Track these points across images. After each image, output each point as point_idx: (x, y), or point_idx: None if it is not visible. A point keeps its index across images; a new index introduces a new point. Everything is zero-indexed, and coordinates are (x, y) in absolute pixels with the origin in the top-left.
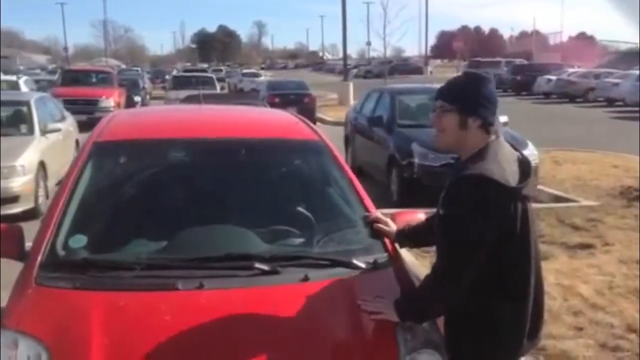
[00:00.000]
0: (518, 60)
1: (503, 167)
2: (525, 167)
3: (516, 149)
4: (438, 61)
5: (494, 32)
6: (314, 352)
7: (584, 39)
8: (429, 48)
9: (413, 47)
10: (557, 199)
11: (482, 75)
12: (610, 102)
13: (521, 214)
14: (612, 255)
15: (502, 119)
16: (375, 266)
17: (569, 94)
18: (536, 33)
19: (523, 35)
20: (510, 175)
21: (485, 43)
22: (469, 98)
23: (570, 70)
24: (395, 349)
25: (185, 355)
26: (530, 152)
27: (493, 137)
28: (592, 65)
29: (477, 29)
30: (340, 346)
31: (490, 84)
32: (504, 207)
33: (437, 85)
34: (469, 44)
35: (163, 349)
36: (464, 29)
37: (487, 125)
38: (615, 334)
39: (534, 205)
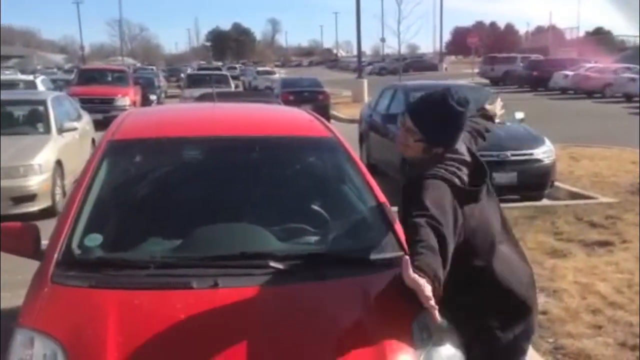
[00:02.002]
0: (534, 56)
1: (453, 170)
2: (478, 169)
3: (472, 153)
4: (453, 57)
5: (509, 28)
6: (330, 351)
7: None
8: (443, 44)
9: (428, 44)
10: (575, 195)
11: (452, 97)
12: (628, 97)
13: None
14: (631, 253)
15: (518, 115)
16: (391, 264)
17: (586, 90)
18: (552, 28)
19: (539, 30)
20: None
21: (500, 39)
22: (437, 131)
23: (587, 65)
24: (412, 346)
25: (200, 354)
26: (548, 148)
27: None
28: (609, 60)
29: (493, 25)
30: (357, 344)
31: (463, 112)
32: (453, 203)
33: (452, 82)
34: (484, 40)
35: (178, 347)
36: (479, 24)
37: (450, 151)
38: (635, 332)
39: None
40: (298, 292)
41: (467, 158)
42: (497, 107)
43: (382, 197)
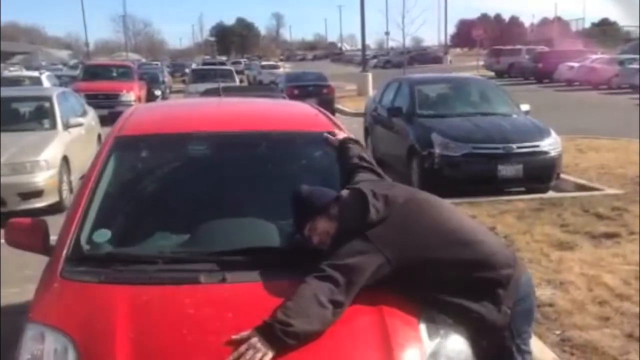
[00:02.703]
0: (539, 48)
1: None
2: None
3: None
4: (458, 50)
5: (514, 20)
6: (338, 344)
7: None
8: (448, 37)
9: (432, 37)
10: (581, 187)
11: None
12: (634, 88)
13: None
14: (638, 244)
15: (524, 107)
16: None
17: (592, 81)
18: (558, 20)
19: (544, 22)
20: None
21: (505, 31)
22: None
23: (593, 56)
24: (419, 340)
25: (209, 348)
26: (554, 140)
27: None
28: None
29: (497, 17)
30: (363, 338)
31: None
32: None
33: (457, 75)
34: (489, 32)
35: (187, 342)
36: (484, 16)
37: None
38: None
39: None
40: None
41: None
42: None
43: None
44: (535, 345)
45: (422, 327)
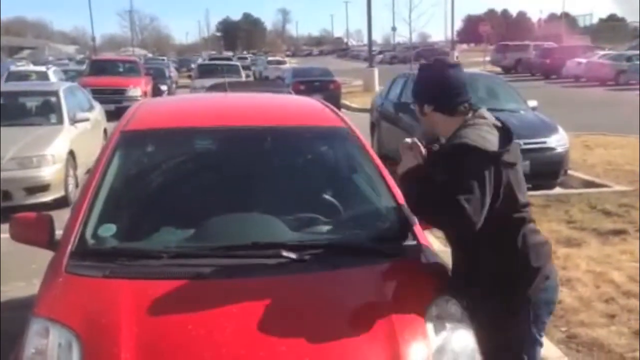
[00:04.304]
0: (547, 44)
1: (482, 136)
2: (505, 134)
3: (497, 118)
4: (464, 46)
5: (522, 15)
6: (343, 340)
7: (614, 21)
8: (455, 33)
9: (439, 32)
10: (589, 184)
11: (435, 64)
12: None
13: (504, 178)
14: None
15: (531, 103)
16: (403, 253)
17: (599, 77)
18: (565, 15)
19: (552, 17)
20: (490, 143)
21: (513, 26)
22: (418, 90)
23: (601, 52)
24: (425, 336)
25: (214, 344)
26: (561, 136)
27: (468, 116)
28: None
29: (505, 12)
30: (369, 333)
31: (444, 70)
32: (483, 170)
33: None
34: (496, 28)
35: (192, 337)
36: (491, 12)
37: (442, 108)
38: None
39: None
40: (311, 281)
41: (495, 122)
42: None
43: (394, 186)
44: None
45: (428, 321)
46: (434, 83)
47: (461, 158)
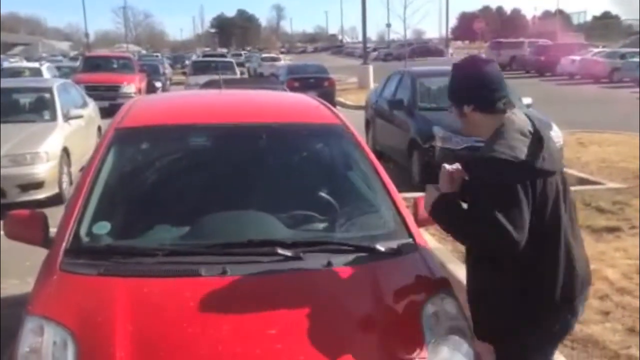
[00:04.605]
0: (541, 41)
1: (513, 145)
2: (536, 139)
3: (530, 120)
4: (459, 43)
5: (516, 12)
6: (339, 339)
7: (608, 19)
8: (449, 30)
9: (433, 29)
10: (582, 181)
11: (469, 61)
12: (636, 82)
13: (540, 187)
14: (639, 239)
15: (526, 100)
16: (399, 251)
17: (594, 75)
18: (560, 13)
19: (546, 15)
20: (519, 151)
21: (507, 23)
22: (454, 90)
23: (595, 50)
24: (420, 335)
25: (209, 341)
26: (555, 133)
27: (506, 114)
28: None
29: (499, 10)
30: (365, 332)
31: (479, 67)
32: (516, 181)
33: None
34: (490, 25)
35: (186, 334)
36: (486, 9)
37: (481, 107)
38: None
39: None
40: (306, 279)
41: (529, 127)
42: None
43: (390, 184)
44: None
45: (424, 320)
46: (471, 80)
47: (492, 173)
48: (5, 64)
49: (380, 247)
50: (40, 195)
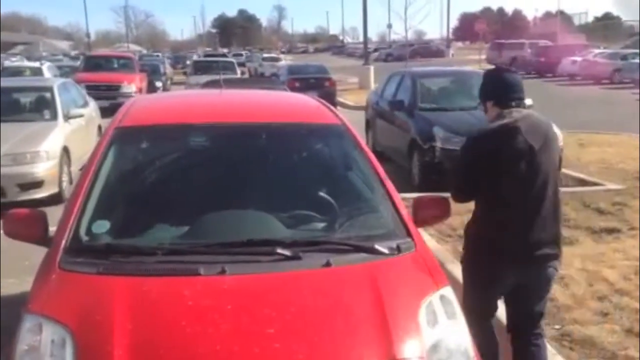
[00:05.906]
0: (542, 42)
1: (488, 128)
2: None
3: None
4: (460, 43)
5: (517, 13)
6: (337, 337)
7: (609, 20)
8: (450, 30)
9: (435, 30)
10: (582, 182)
11: (496, 68)
12: (636, 83)
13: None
14: (638, 240)
15: (527, 101)
16: (398, 251)
17: (594, 76)
18: (561, 14)
19: (547, 16)
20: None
21: (508, 24)
22: (482, 89)
23: (596, 51)
24: (419, 333)
25: (208, 340)
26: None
27: (509, 110)
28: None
29: (500, 10)
30: (363, 331)
31: (503, 73)
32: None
33: (459, 68)
34: (491, 26)
35: (186, 333)
36: (487, 10)
37: (498, 102)
38: None
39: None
40: (305, 279)
41: (511, 122)
42: None
43: (390, 184)
44: None
45: (422, 318)
46: (494, 81)
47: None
48: (6, 63)
49: (379, 247)
50: (40, 194)
